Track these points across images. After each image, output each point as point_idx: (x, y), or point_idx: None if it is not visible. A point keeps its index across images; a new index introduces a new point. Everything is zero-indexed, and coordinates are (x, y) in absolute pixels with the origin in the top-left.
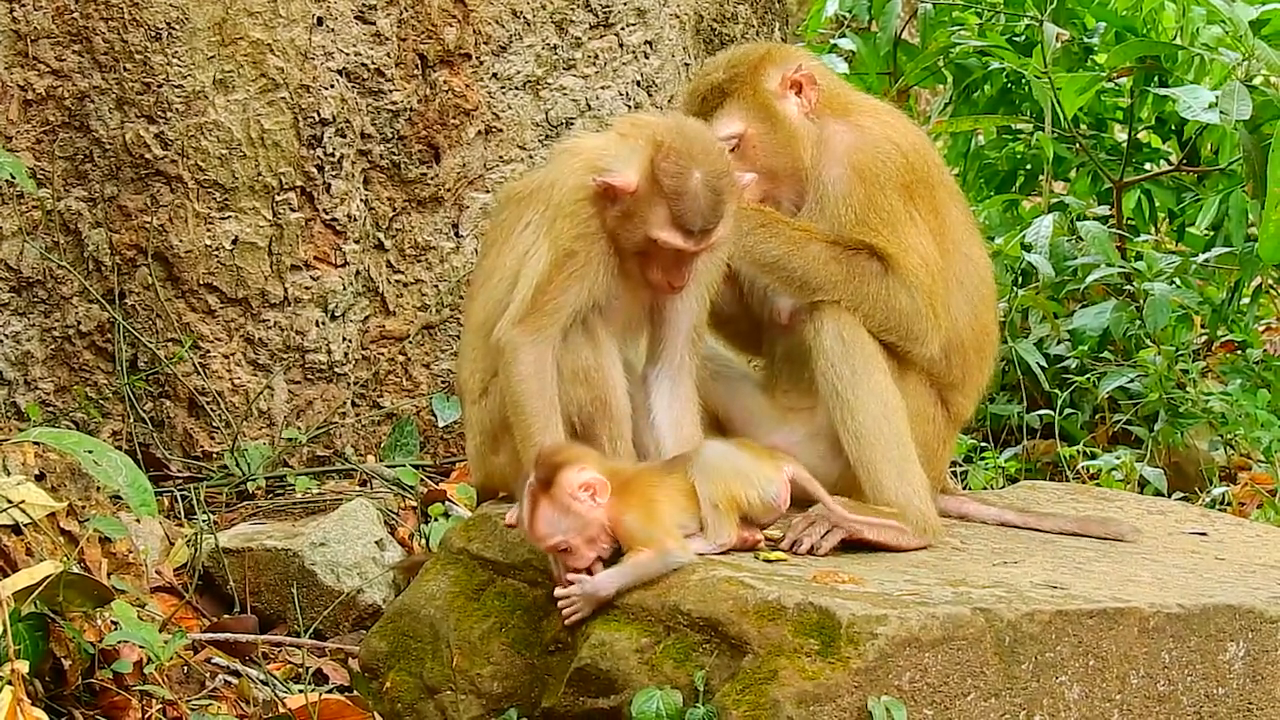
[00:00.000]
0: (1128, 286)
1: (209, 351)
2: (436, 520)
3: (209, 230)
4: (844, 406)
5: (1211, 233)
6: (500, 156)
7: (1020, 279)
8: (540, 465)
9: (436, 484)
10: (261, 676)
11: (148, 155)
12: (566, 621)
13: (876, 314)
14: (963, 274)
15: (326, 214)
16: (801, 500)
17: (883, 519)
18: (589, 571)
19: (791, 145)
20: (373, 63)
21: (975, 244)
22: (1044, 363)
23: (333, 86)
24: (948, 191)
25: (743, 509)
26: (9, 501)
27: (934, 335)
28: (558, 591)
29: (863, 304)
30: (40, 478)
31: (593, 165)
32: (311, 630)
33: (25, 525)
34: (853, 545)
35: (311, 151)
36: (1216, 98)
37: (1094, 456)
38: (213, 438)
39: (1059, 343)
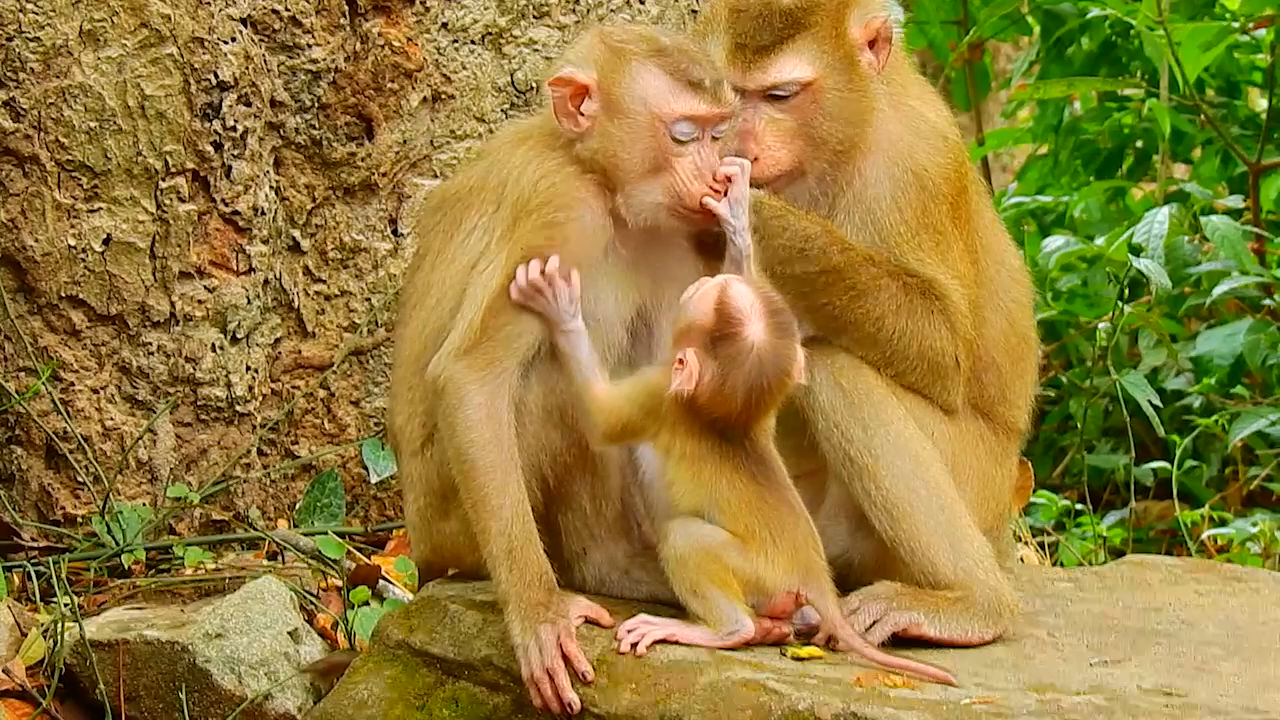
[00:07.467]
0: (1267, 301)
1: (73, 384)
2: (367, 605)
3: (73, 227)
4: (863, 475)
5: None
6: (452, 131)
7: (1127, 291)
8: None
9: (368, 557)
10: None
11: None
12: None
13: (912, 356)
14: (997, 282)
15: (226, 205)
16: None
17: (945, 610)
18: None
19: (862, 113)
20: (286, 10)
21: (1005, 241)
22: (1158, 401)
23: (234, 40)
24: (977, 187)
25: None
26: None
27: (958, 386)
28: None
29: (901, 346)
30: None
31: (549, 138)
32: None
33: None
34: (907, 639)
35: (206, 125)
36: None
37: (1223, 523)
38: (77, 496)
39: (1178, 374)
